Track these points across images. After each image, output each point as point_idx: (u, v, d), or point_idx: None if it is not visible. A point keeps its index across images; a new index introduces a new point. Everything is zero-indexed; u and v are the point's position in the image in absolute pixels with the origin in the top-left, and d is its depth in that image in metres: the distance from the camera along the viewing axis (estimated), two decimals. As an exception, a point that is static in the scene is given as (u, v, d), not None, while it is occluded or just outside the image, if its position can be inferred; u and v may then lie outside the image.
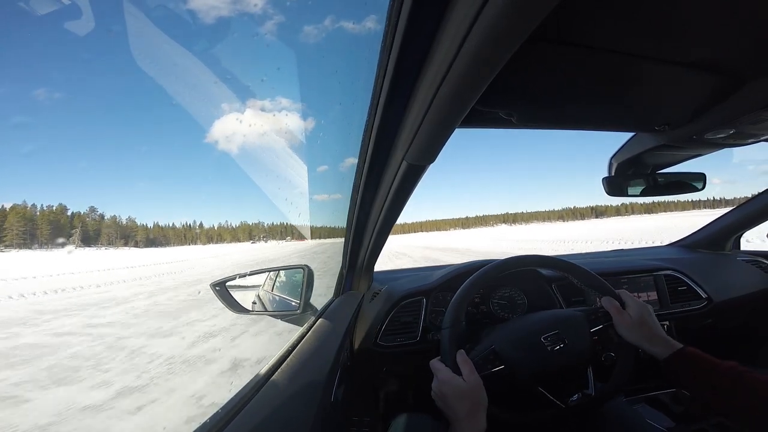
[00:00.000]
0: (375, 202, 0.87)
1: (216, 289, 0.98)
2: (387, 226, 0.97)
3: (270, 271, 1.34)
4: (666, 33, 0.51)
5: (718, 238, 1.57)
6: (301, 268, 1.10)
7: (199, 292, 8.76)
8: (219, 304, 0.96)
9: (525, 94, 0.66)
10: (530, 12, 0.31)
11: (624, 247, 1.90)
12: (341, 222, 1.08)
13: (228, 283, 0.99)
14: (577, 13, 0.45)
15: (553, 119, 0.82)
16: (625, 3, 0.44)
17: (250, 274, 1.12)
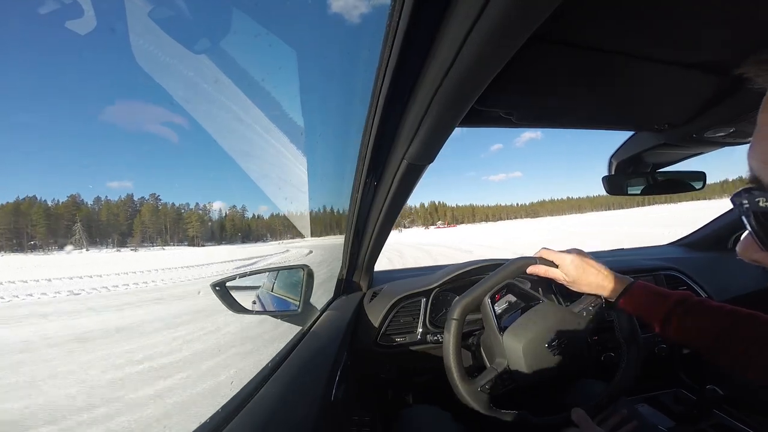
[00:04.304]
0: (375, 202, 0.87)
1: (216, 289, 0.97)
2: (387, 226, 0.97)
3: (270, 271, 1.34)
4: (667, 34, 0.51)
5: (719, 238, 1.57)
6: (301, 267, 1.10)
7: (199, 292, 8.68)
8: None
9: (525, 93, 0.66)
10: (531, 12, 0.31)
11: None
12: (341, 221, 1.08)
13: (228, 283, 0.99)
14: (578, 13, 0.45)
15: (552, 118, 0.82)
16: (625, 3, 0.44)
17: (250, 274, 1.12)
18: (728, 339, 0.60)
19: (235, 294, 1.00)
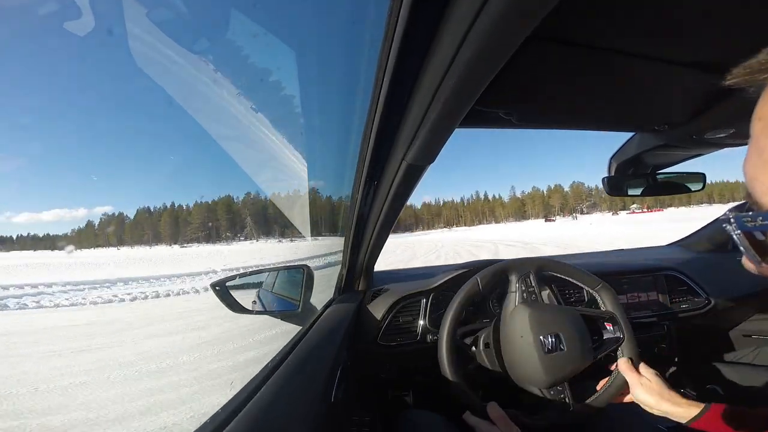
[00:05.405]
0: (375, 202, 0.87)
1: (216, 289, 0.97)
2: (387, 226, 0.97)
3: (270, 271, 1.34)
4: (666, 33, 0.51)
5: (719, 238, 1.56)
6: (301, 267, 1.10)
7: (199, 292, 8.70)
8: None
9: (525, 94, 0.66)
10: (530, 12, 0.31)
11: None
12: (341, 221, 1.08)
13: (228, 283, 0.99)
14: (577, 12, 0.45)
15: (552, 119, 0.82)
16: (625, 3, 0.44)
17: (250, 274, 1.12)
18: None
19: (234, 294, 1.00)
